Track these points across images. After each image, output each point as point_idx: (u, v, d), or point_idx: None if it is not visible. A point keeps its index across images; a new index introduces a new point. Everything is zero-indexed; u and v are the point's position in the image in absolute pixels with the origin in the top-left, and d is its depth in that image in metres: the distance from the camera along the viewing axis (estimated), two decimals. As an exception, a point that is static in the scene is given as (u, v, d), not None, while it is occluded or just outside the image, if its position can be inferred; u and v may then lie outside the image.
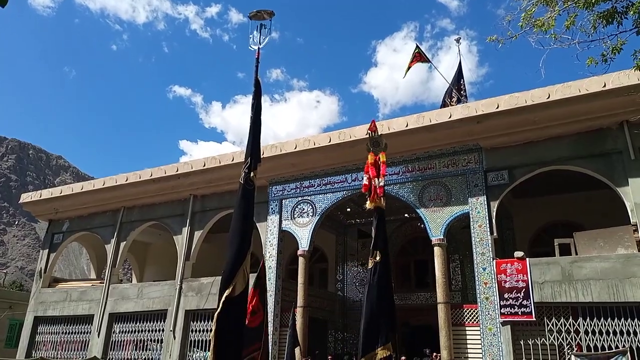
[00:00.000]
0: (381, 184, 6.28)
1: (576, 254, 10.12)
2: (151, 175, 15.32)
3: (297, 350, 11.72)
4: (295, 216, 13.22)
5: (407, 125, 11.30)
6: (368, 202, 6.37)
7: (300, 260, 12.90)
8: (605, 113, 9.82)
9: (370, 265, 6.08)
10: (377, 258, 5.92)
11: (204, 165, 14.35)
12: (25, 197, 18.52)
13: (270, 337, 12.21)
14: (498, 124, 10.69)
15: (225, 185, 13.81)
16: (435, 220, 11.25)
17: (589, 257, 9.69)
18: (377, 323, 5.80)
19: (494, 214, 10.67)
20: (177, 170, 14.87)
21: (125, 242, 16.21)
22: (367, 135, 6.69)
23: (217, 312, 4.43)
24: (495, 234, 10.58)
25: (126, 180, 15.78)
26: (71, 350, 15.77)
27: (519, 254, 10.26)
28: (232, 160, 13.62)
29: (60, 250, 17.93)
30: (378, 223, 6.33)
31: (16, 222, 71.03)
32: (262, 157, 6.24)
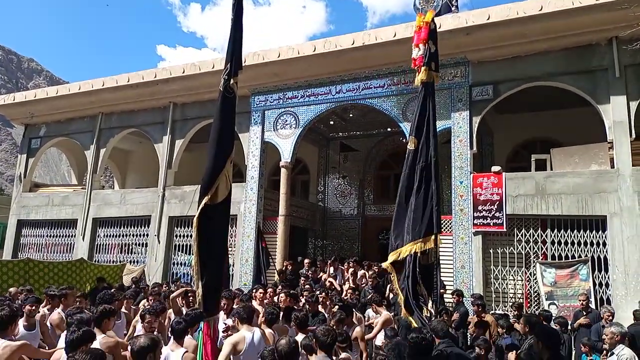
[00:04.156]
0: (420, 53, 5.48)
1: (552, 169, 10.42)
2: (128, 80, 14.81)
3: (278, 258, 12.27)
4: (278, 127, 13.12)
5: (394, 35, 10.91)
6: (416, 79, 5.70)
7: (283, 171, 13.02)
8: (596, 28, 9.58)
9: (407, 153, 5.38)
10: (411, 146, 5.43)
11: (183, 72, 13.86)
12: (-2, 101, 17.90)
13: (252, 243, 12.69)
14: (488, 37, 10.40)
15: (207, 94, 13.45)
16: (417, 134, 11.28)
17: (563, 172, 9.99)
18: (403, 219, 5.22)
19: (475, 129, 10.74)
20: (155, 76, 14.36)
21: (105, 149, 16.05)
22: None
23: (195, 217, 4.51)
24: (474, 149, 10.73)
25: (103, 85, 15.25)
26: (57, 253, 16.18)
27: (495, 168, 10.51)
28: (213, 67, 13.15)
29: (38, 155, 17.72)
30: (419, 102, 5.64)
31: (-9, 127, 69.12)
32: (244, 65, 6.02)
